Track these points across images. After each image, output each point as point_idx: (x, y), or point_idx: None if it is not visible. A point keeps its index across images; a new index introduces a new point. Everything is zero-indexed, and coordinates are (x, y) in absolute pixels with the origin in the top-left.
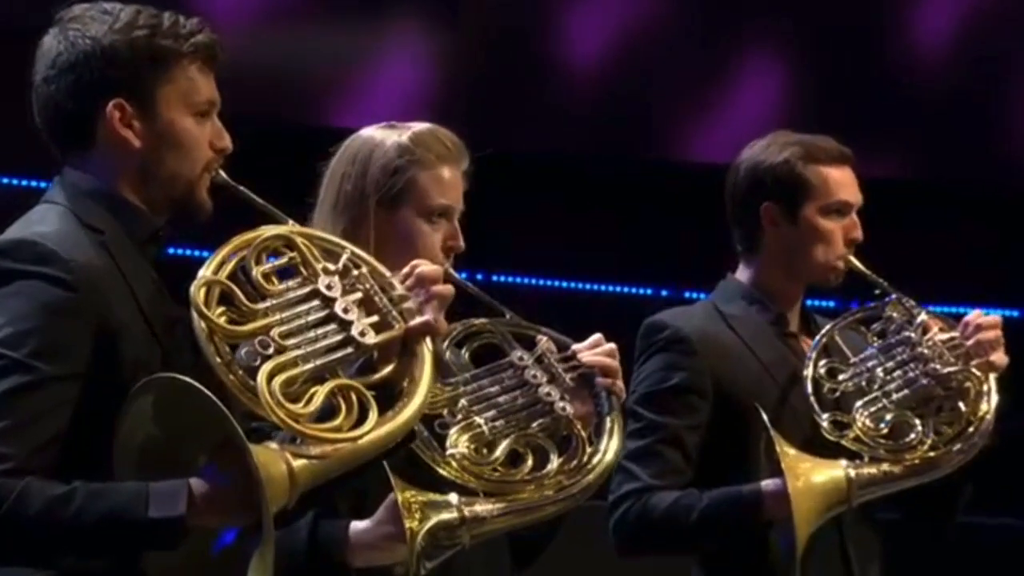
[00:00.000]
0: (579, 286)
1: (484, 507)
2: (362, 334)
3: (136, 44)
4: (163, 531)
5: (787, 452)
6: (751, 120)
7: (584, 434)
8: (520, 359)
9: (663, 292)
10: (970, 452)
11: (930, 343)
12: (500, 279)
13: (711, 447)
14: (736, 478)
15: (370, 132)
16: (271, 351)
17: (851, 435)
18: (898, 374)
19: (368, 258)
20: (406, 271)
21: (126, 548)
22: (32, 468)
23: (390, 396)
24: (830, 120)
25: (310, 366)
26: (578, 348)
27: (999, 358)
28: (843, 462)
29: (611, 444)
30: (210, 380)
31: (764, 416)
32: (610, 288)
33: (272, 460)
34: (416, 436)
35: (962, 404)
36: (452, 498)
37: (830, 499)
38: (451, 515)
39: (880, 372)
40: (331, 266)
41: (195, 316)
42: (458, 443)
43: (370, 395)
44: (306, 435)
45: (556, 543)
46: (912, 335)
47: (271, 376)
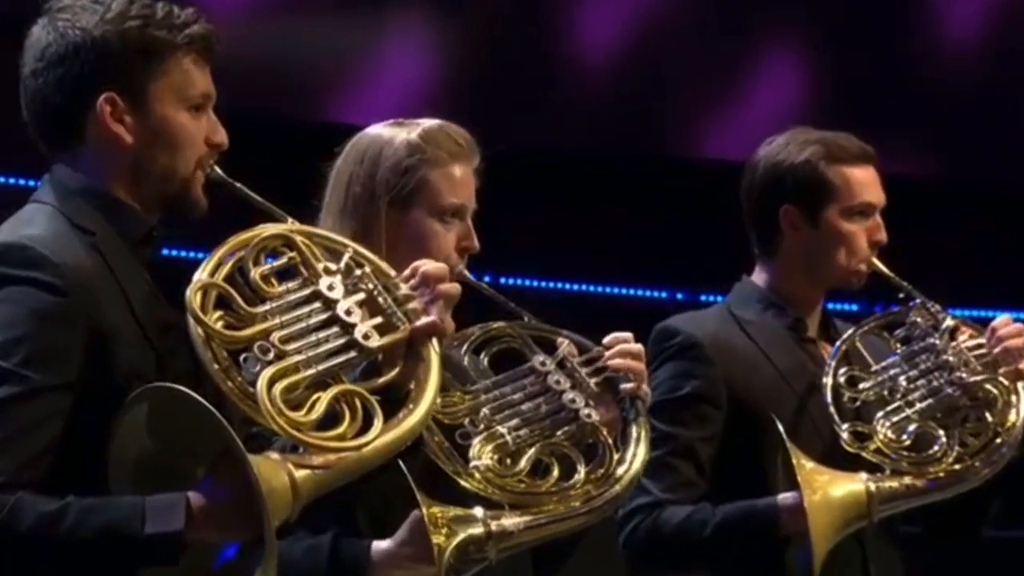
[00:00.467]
0: (589, 289)
1: (510, 520)
2: (365, 337)
3: (128, 35)
4: (161, 547)
5: (803, 464)
6: (768, 116)
7: (610, 441)
8: (542, 364)
9: (678, 295)
10: (997, 465)
11: (956, 350)
12: (507, 282)
13: (725, 459)
14: (752, 491)
15: (378, 130)
16: (271, 356)
17: (872, 447)
18: (922, 383)
19: (371, 256)
20: (409, 271)
21: (122, 565)
22: (24, 482)
23: (396, 401)
24: (849, 114)
25: (312, 372)
26: (605, 346)
27: None
28: (863, 475)
29: (638, 451)
30: (209, 387)
31: (780, 427)
32: (622, 291)
33: (273, 471)
34: (423, 442)
35: (989, 414)
36: (478, 512)
37: (849, 514)
38: (478, 530)
39: (903, 381)
40: (333, 266)
41: (191, 322)
42: (481, 454)
43: (375, 401)
44: (308, 444)
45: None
46: (937, 342)
47: (271, 383)
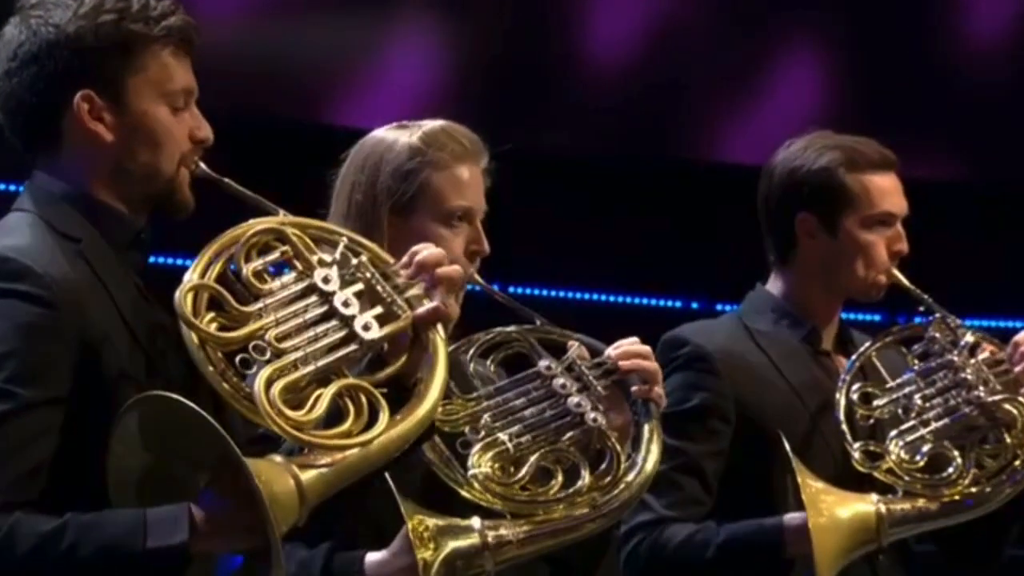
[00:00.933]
0: (600, 298)
1: (510, 530)
2: (365, 328)
3: (103, 30)
4: (164, 561)
5: (809, 484)
6: (787, 118)
7: (619, 446)
8: (548, 368)
9: (693, 304)
10: (1017, 488)
11: (975, 367)
12: (516, 291)
13: (733, 476)
14: (759, 510)
15: (380, 134)
16: (268, 356)
17: (884, 467)
18: (938, 401)
19: (368, 244)
20: (406, 258)
21: None
22: (19, 501)
23: (404, 392)
24: (872, 116)
25: (311, 368)
26: (612, 351)
27: None
28: (873, 497)
29: (649, 456)
30: (207, 391)
31: (786, 444)
32: (635, 300)
33: (277, 476)
34: (435, 433)
35: (1008, 435)
36: (475, 522)
37: (857, 537)
38: (470, 541)
39: (918, 399)
40: (328, 257)
41: (183, 327)
42: (480, 462)
43: (379, 394)
44: (312, 443)
45: None
46: (955, 358)
47: (269, 382)
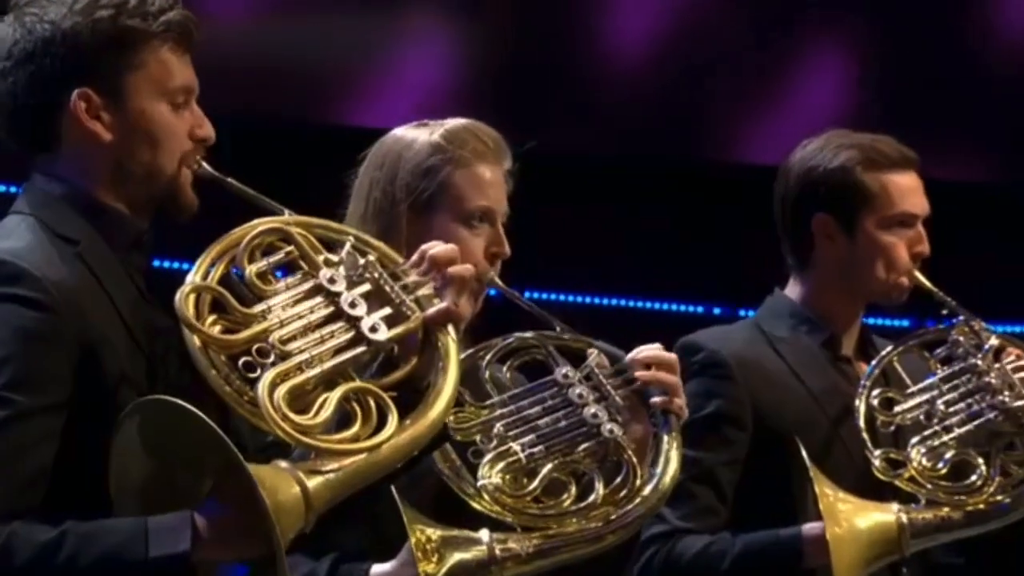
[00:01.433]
0: (619, 303)
1: (520, 543)
2: (373, 329)
3: (99, 26)
4: (166, 570)
5: (827, 493)
6: (814, 117)
7: (635, 458)
8: (565, 376)
9: (715, 310)
10: None
11: (1000, 372)
12: (532, 296)
13: (750, 485)
14: (777, 521)
15: (400, 132)
16: (272, 358)
17: (906, 475)
18: (961, 407)
19: (376, 243)
20: (416, 256)
21: None
22: (17, 510)
23: (416, 395)
24: (902, 115)
25: (317, 371)
26: (633, 357)
27: None
28: (894, 506)
29: (668, 469)
30: (212, 395)
31: (804, 453)
32: (655, 305)
33: (282, 482)
34: (449, 436)
35: None
36: (483, 535)
37: (877, 548)
38: (476, 554)
39: (941, 404)
40: (334, 257)
41: (185, 329)
42: (491, 473)
43: (388, 397)
44: (318, 448)
45: None
46: (979, 362)
47: (273, 386)
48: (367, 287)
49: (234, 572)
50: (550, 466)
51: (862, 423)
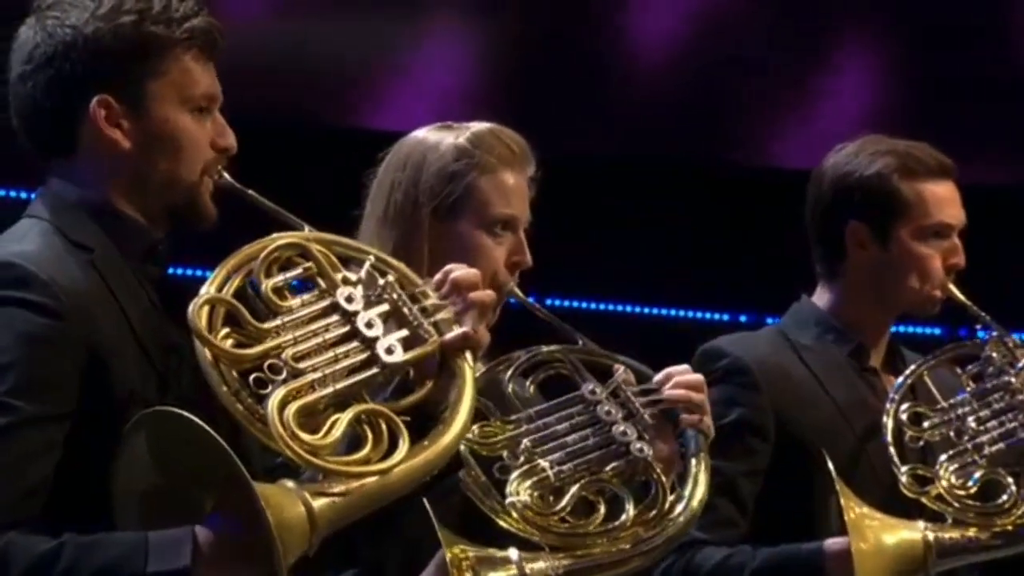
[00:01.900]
0: (642, 311)
1: (548, 563)
2: (389, 351)
3: (122, 32)
4: None
5: (853, 507)
6: (844, 119)
7: (665, 479)
8: (592, 392)
9: (742, 318)
10: None
11: None
12: (552, 303)
13: (772, 497)
14: (799, 534)
15: (423, 133)
16: (284, 376)
17: (933, 492)
18: (993, 424)
19: (396, 264)
20: (439, 277)
21: None
22: (16, 520)
23: (430, 421)
24: (938, 119)
25: (329, 391)
26: (660, 379)
27: None
28: (921, 524)
29: (696, 490)
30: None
31: (830, 465)
32: (679, 313)
33: (287, 502)
34: (463, 465)
35: None
36: (512, 554)
37: (902, 566)
38: (508, 573)
39: (972, 421)
40: (352, 276)
41: (196, 342)
42: (519, 490)
43: (400, 421)
44: (327, 469)
45: None
46: (1013, 380)
47: (283, 404)
48: (385, 308)
49: None
50: (578, 485)
51: (890, 438)
